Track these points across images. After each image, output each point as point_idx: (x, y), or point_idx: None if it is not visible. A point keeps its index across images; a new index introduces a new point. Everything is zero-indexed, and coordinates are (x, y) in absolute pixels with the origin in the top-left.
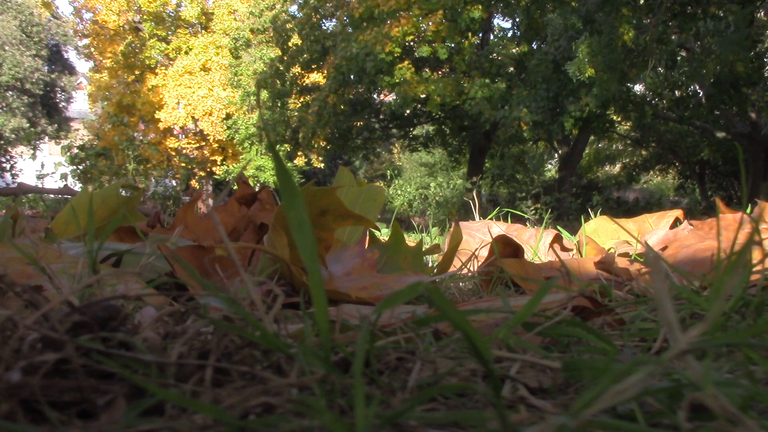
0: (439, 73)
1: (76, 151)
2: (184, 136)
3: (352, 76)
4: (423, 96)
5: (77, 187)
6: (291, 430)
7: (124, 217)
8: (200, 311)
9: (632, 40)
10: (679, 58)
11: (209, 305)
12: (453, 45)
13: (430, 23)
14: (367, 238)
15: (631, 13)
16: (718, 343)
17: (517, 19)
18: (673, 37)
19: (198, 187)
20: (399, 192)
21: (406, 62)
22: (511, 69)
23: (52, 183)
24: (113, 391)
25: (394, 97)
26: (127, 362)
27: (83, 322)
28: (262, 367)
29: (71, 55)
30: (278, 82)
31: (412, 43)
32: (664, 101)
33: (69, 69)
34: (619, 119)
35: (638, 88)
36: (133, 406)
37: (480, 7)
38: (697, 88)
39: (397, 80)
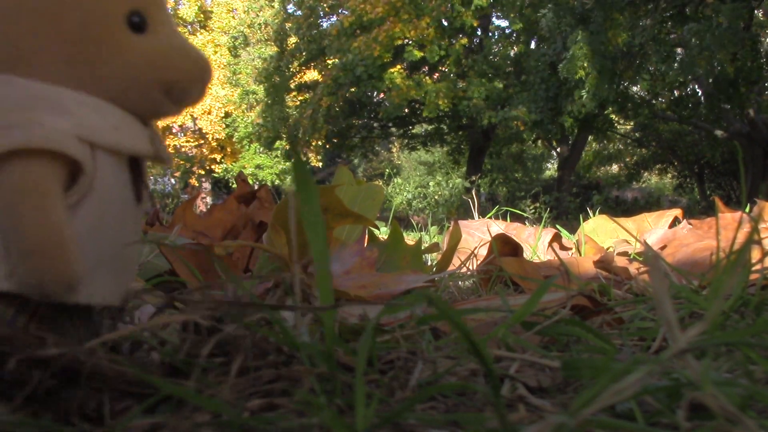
0: (435, 76)
1: None
2: (182, 135)
3: (347, 81)
4: (418, 98)
5: None
6: (290, 428)
7: None
8: (234, 316)
9: (625, 42)
10: (677, 57)
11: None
12: (444, 48)
13: (417, 28)
14: (366, 236)
15: (622, 17)
16: (716, 342)
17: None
18: (672, 36)
19: (197, 186)
20: (398, 191)
21: (398, 67)
22: (509, 69)
23: None
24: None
25: (386, 101)
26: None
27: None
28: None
29: None
30: (277, 78)
31: (405, 45)
32: (662, 100)
33: None
34: (617, 119)
35: (637, 88)
36: (140, 407)
37: (472, 12)
38: (696, 87)
39: (389, 85)
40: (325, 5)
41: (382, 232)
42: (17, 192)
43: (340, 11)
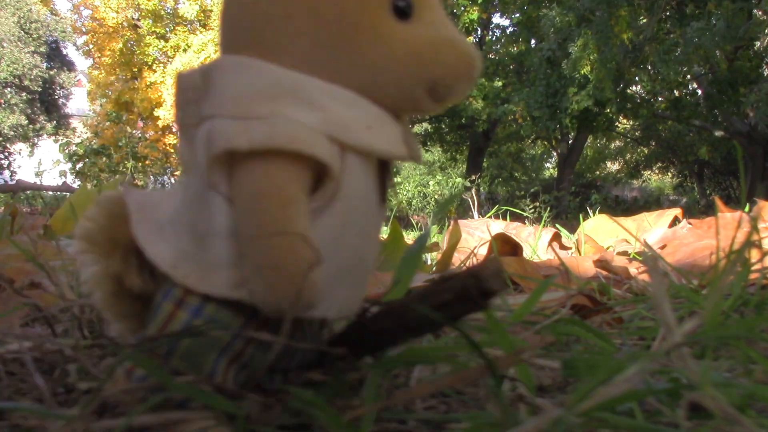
0: None
1: (74, 148)
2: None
3: None
4: None
5: (76, 184)
6: (291, 426)
7: None
8: None
9: (630, 39)
10: (675, 55)
11: None
12: None
13: None
14: None
15: (627, 13)
16: (711, 337)
17: (515, 17)
18: (671, 36)
19: None
20: (398, 190)
21: None
22: (510, 66)
23: (51, 180)
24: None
25: None
26: None
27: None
28: None
29: (70, 50)
30: None
31: None
32: (661, 99)
33: (68, 65)
34: (617, 117)
35: (637, 87)
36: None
37: (477, 8)
38: (696, 87)
39: None
40: None
41: (382, 232)
42: (256, 197)
43: None
